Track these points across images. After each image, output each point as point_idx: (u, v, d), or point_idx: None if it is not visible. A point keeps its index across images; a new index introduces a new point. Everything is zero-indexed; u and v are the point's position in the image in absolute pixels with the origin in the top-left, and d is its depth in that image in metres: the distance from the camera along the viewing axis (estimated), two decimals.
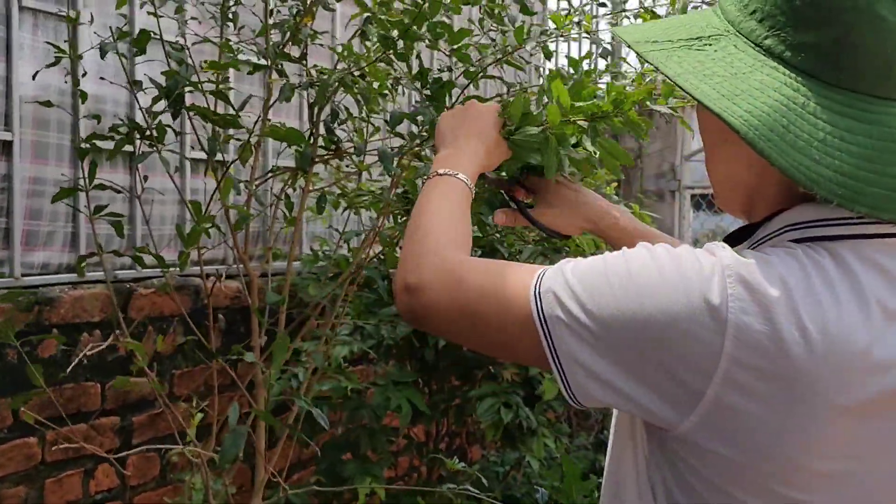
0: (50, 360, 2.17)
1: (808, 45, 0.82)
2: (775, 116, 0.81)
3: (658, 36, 0.92)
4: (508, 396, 2.35)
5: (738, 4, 0.88)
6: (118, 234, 1.87)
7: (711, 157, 0.98)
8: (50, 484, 2.19)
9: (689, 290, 0.81)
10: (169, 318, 2.47)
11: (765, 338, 0.78)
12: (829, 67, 0.82)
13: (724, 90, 0.83)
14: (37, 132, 2.19)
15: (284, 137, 1.84)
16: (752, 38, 0.86)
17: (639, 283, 0.83)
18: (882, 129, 0.82)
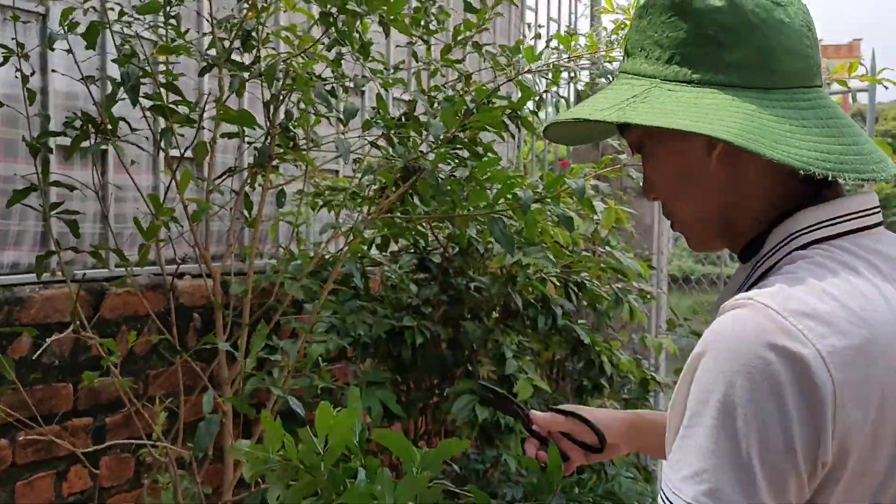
0: (21, 361, 2.14)
1: (735, 64, 0.91)
2: (747, 124, 0.87)
3: (599, 104, 0.96)
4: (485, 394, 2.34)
5: (652, 58, 0.95)
6: (73, 233, 1.85)
7: (675, 201, 1.02)
8: (21, 486, 2.17)
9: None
10: (143, 318, 2.44)
11: (850, 350, 0.80)
12: (761, 75, 0.91)
13: (691, 118, 0.88)
14: (5, 129, 2.17)
15: (236, 120, 1.83)
16: (680, 78, 0.93)
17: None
18: (823, 110, 0.92)
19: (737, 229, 0.98)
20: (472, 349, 2.69)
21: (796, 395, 0.78)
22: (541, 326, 2.59)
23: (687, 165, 0.96)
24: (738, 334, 0.81)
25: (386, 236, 2.61)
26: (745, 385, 0.78)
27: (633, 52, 0.98)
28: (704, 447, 0.80)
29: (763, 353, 0.79)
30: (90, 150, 1.89)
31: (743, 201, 0.96)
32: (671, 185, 1.00)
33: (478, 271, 2.80)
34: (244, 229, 2.83)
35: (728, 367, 0.80)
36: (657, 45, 0.95)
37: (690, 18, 0.93)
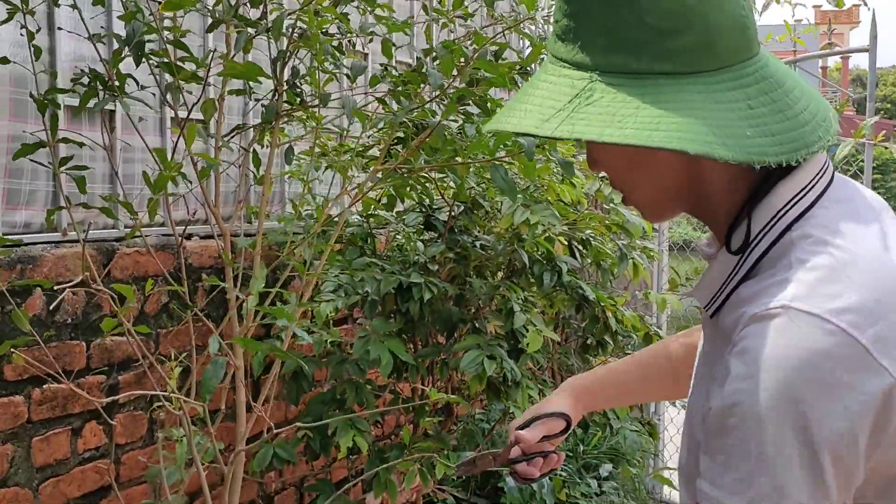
0: (35, 319, 2.17)
1: (678, 50, 0.87)
2: (695, 120, 0.85)
3: (544, 113, 0.91)
4: (493, 349, 2.37)
5: (589, 47, 0.90)
6: (80, 189, 1.86)
7: (629, 183, 1.00)
8: (37, 442, 2.20)
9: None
10: (153, 278, 2.47)
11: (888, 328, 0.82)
12: (704, 58, 0.88)
13: (642, 125, 0.85)
14: (14, 89, 2.18)
15: (242, 74, 1.83)
16: (620, 69, 0.88)
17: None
18: (766, 82, 0.91)
19: (709, 203, 0.97)
20: (479, 306, 2.72)
21: (855, 395, 0.80)
22: (546, 283, 2.62)
23: (635, 152, 0.94)
24: (789, 349, 0.81)
25: (392, 196, 2.63)
26: (812, 398, 0.79)
27: (566, 38, 0.92)
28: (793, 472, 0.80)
29: (819, 363, 0.80)
30: (98, 106, 1.90)
31: (707, 179, 0.95)
32: (622, 172, 0.99)
33: (483, 230, 2.83)
34: (251, 190, 2.85)
35: (789, 384, 0.80)
36: (593, 32, 0.89)
37: (628, 5, 0.87)
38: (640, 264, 2.89)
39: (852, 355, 0.80)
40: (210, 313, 2.54)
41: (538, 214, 2.39)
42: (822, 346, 0.80)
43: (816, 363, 0.79)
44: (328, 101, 2.06)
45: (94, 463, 2.35)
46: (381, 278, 2.41)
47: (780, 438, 0.79)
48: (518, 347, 2.54)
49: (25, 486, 2.17)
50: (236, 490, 2.30)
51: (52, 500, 2.24)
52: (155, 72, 2.03)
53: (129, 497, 2.42)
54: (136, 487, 2.48)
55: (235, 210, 2.35)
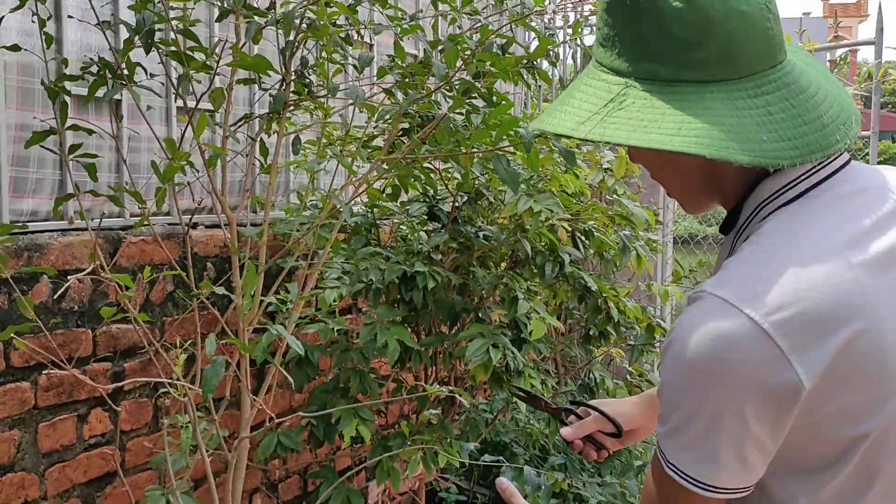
0: (41, 306, 2.19)
1: (702, 61, 0.95)
2: (715, 126, 0.93)
3: (581, 115, 1.00)
4: (496, 338, 2.39)
5: (624, 54, 0.99)
6: (91, 176, 1.87)
7: (662, 179, 1.11)
8: (43, 428, 2.23)
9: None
10: (159, 267, 2.49)
11: (798, 317, 0.92)
12: (729, 67, 0.95)
13: (666, 130, 0.94)
14: (22, 78, 2.20)
15: (251, 66, 1.85)
16: (651, 76, 0.97)
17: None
18: (787, 88, 0.98)
19: (728, 193, 1.07)
20: (482, 296, 2.73)
21: (749, 367, 0.91)
22: (548, 273, 2.63)
23: (663, 160, 1.06)
24: (698, 326, 0.92)
25: (396, 186, 2.64)
26: (713, 365, 0.91)
27: (606, 45, 1.02)
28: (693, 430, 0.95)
29: (719, 340, 0.91)
30: (107, 95, 1.92)
31: (723, 176, 1.05)
32: (651, 168, 1.10)
33: (487, 220, 2.84)
34: (258, 180, 2.86)
35: (695, 353, 0.92)
36: (626, 41, 0.98)
37: (655, 18, 0.95)
38: (643, 256, 2.90)
39: (751, 337, 0.90)
40: (216, 301, 2.56)
41: (541, 203, 2.40)
42: (723, 326, 0.91)
43: (717, 339, 0.91)
44: (336, 91, 2.07)
45: (99, 449, 2.37)
46: (385, 267, 2.42)
47: (693, 397, 0.93)
48: (521, 337, 2.55)
49: (32, 472, 2.20)
50: (240, 477, 2.32)
51: (58, 485, 2.27)
52: (163, 61, 2.05)
53: (134, 483, 2.44)
54: (141, 474, 2.50)
55: (242, 199, 2.37)
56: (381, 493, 3.21)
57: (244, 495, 2.76)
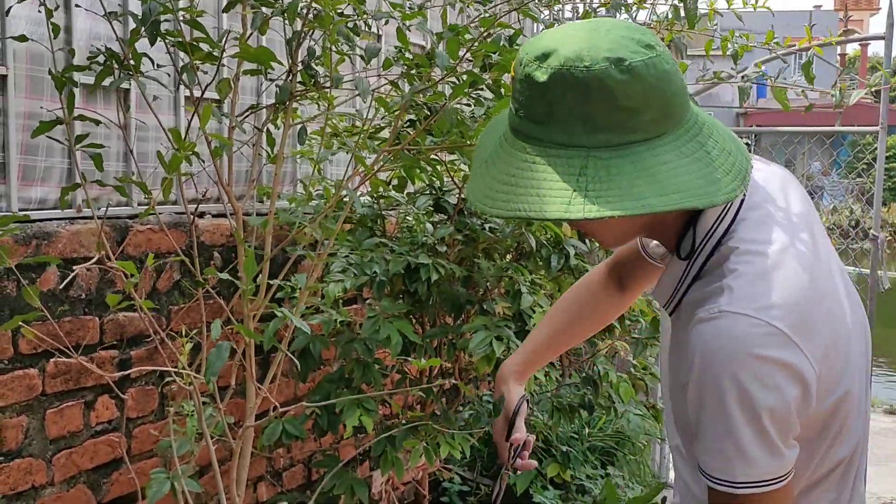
0: (49, 294, 2.21)
1: (648, 121, 1.03)
2: (685, 176, 1.03)
3: (559, 195, 1.02)
4: (500, 330, 2.40)
5: (574, 130, 1.03)
6: (97, 166, 1.89)
7: (605, 232, 1.20)
8: (51, 414, 2.25)
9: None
10: (166, 255, 2.51)
11: (804, 318, 1.08)
12: (666, 123, 1.04)
13: (652, 192, 1.01)
14: (32, 67, 2.21)
15: (255, 57, 1.86)
16: (604, 144, 1.02)
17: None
18: (704, 126, 1.09)
19: (655, 234, 1.22)
20: (487, 288, 2.74)
21: (781, 369, 1.03)
22: (553, 266, 2.64)
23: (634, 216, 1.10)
24: (728, 342, 1.03)
25: (402, 177, 2.65)
26: (748, 377, 1.02)
27: (544, 121, 1.04)
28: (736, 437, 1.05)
29: (751, 350, 1.02)
30: (114, 84, 1.93)
31: (664, 219, 1.16)
32: (597, 228, 1.19)
33: None
34: (263, 170, 2.87)
35: (731, 369, 1.02)
36: (575, 117, 1.02)
37: (605, 95, 1.00)
38: None
39: (776, 340, 1.03)
40: (221, 291, 2.57)
41: None
42: (748, 336, 1.02)
43: (749, 350, 1.02)
44: (341, 82, 2.08)
45: (106, 436, 2.39)
46: (389, 259, 2.43)
47: (730, 410, 1.03)
48: (525, 329, 2.56)
49: (39, 457, 2.22)
50: (245, 465, 2.34)
51: (65, 471, 2.29)
52: (171, 51, 2.05)
53: (140, 470, 2.46)
54: (147, 461, 2.52)
55: (248, 189, 2.38)
56: (385, 483, 3.23)
57: (249, 483, 2.78)
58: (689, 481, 1.27)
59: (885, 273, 4.06)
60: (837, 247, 8.07)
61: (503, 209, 1.05)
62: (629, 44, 1.02)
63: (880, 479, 4.83)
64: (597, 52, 1.01)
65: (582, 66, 1.00)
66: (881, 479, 4.86)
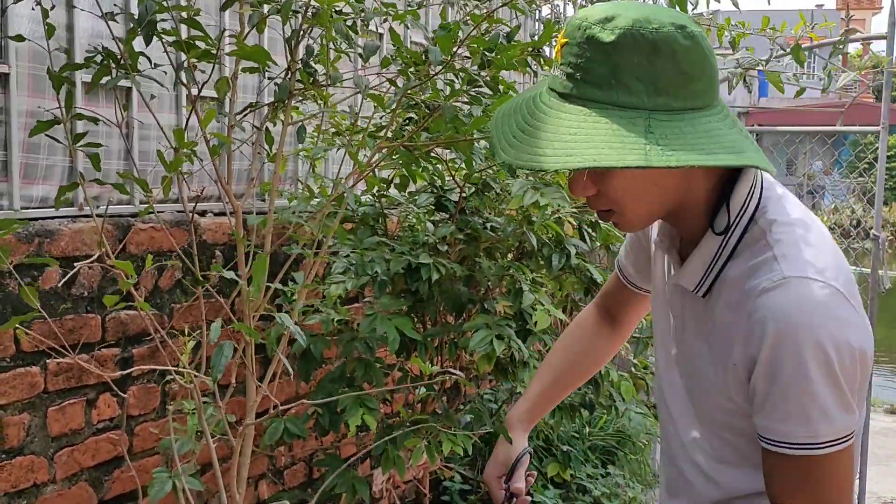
0: (51, 292, 2.21)
1: (700, 91, 1.08)
2: (736, 142, 1.07)
3: (623, 145, 1.04)
4: (501, 329, 2.40)
5: (635, 91, 1.05)
6: (94, 166, 1.89)
7: (630, 208, 1.18)
8: (53, 412, 2.25)
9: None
10: (167, 254, 2.51)
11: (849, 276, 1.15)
12: (711, 96, 1.10)
13: (724, 148, 1.06)
14: (33, 65, 2.21)
15: (251, 56, 1.86)
16: (664, 107, 1.06)
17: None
18: (727, 109, 1.14)
19: (680, 214, 1.21)
20: (488, 287, 2.74)
21: (848, 327, 1.08)
22: (554, 265, 2.64)
23: (654, 177, 1.14)
24: (800, 306, 1.07)
25: (404, 176, 2.65)
26: (827, 337, 1.06)
27: (605, 83, 1.06)
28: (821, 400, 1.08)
29: (823, 310, 1.07)
30: (110, 83, 1.93)
31: (690, 195, 1.18)
32: (633, 192, 1.16)
33: (494, 212, 2.85)
34: (264, 168, 2.88)
35: (810, 331, 1.06)
36: (639, 79, 1.05)
37: (670, 58, 1.05)
38: None
39: (838, 300, 1.08)
40: (222, 289, 2.57)
41: (548, 197, 2.41)
42: (819, 298, 1.07)
43: (821, 311, 1.07)
44: (339, 80, 2.08)
45: (107, 434, 2.40)
46: (390, 258, 2.44)
47: (811, 370, 1.06)
48: (526, 328, 2.57)
49: (41, 455, 2.22)
50: (246, 463, 2.34)
51: (67, 468, 2.29)
52: (169, 50, 2.05)
53: (141, 468, 2.47)
54: (148, 458, 2.53)
55: (248, 188, 2.38)
56: (386, 481, 3.24)
57: (250, 481, 2.78)
58: (702, 478, 1.28)
59: (887, 273, 4.06)
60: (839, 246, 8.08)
61: (576, 161, 1.04)
62: (681, 16, 1.08)
63: (881, 479, 4.83)
64: (662, 17, 1.06)
65: (651, 28, 1.04)
66: (882, 478, 4.86)
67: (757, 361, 1.10)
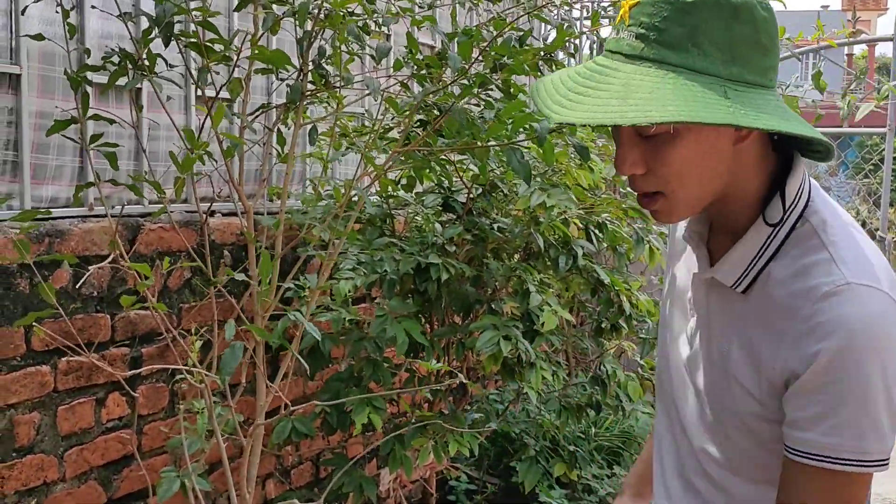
0: (62, 291, 2.22)
1: (769, 67, 1.05)
2: (797, 119, 1.04)
3: (704, 102, 0.99)
4: (508, 329, 2.41)
5: (711, 57, 1.01)
6: (111, 165, 1.90)
7: (682, 187, 1.10)
8: (62, 411, 2.26)
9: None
10: (177, 254, 2.52)
11: None
12: (774, 73, 1.06)
13: (779, 119, 1.01)
14: (44, 66, 2.23)
15: (270, 59, 1.87)
16: (737, 78, 1.02)
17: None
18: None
19: (728, 204, 1.14)
20: (495, 287, 2.75)
21: None
22: (561, 266, 2.65)
23: (715, 153, 1.07)
24: (864, 313, 1.02)
25: (412, 177, 2.66)
26: (885, 347, 1.02)
27: (680, 46, 1.01)
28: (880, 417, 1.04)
29: (884, 321, 1.02)
30: (128, 85, 1.94)
31: (738, 184, 1.11)
32: (692, 170, 1.08)
33: (501, 213, 2.86)
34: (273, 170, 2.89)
35: (871, 339, 1.02)
36: (716, 44, 1.01)
37: (750, 25, 1.01)
38: (657, 249, 2.91)
39: (895, 311, 1.04)
40: (232, 289, 2.59)
41: (555, 198, 2.42)
42: (881, 308, 1.03)
43: (882, 321, 1.02)
44: (351, 82, 2.09)
45: (117, 433, 2.41)
46: (399, 258, 2.45)
47: (872, 384, 1.01)
48: (533, 329, 2.57)
49: (51, 454, 2.24)
50: (255, 462, 2.36)
51: (77, 467, 2.31)
52: (182, 51, 2.07)
53: (150, 466, 2.48)
54: (157, 457, 2.54)
55: (259, 189, 2.39)
56: (393, 481, 3.25)
57: (257, 481, 2.79)
58: (713, 490, 1.21)
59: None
60: None
61: (658, 116, 0.97)
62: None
63: (886, 480, 4.83)
64: None
65: None
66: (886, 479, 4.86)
67: (809, 368, 1.03)
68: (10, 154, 2.19)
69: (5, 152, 2.19)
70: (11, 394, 2.12)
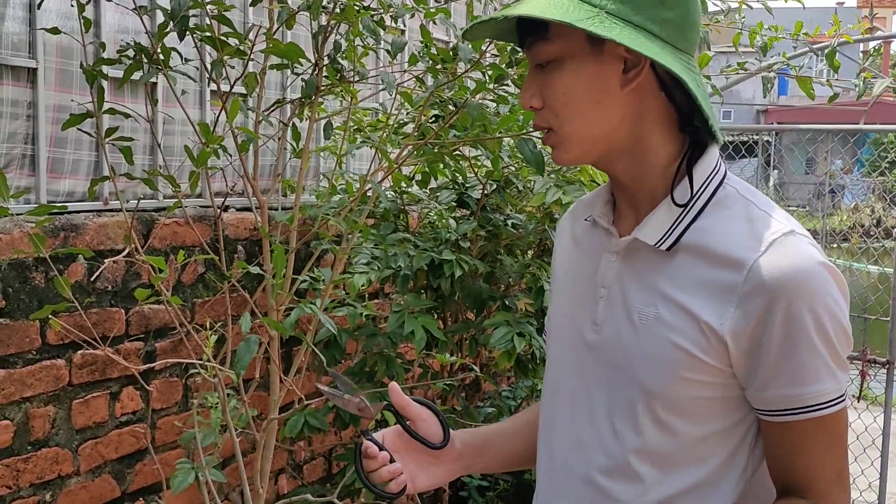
0: (76, 286, 2.23)
1: (668, 21, 1.04)
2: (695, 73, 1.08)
3: (572, 15, 1.01)
4: (522, 326, 2.40)
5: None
6: (127, 159, 1.91)
7: (572, 118, 1.09)
8: (77, 405, 2.27)
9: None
10: (191, 248, 2.53)
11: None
12: (682, 37, 1.06)
13: (662, 47, 1.04)
14: (61, 60, 2.23)
15: (284, 53, 1.87)
16: (622, 16, 1.02)
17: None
18: (701, 76, 1.11)
19: (638, 165, 1.12)
20: (509, 284, 2.74)
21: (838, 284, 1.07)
22: None
23: (599, 89, 1.06)
24: (810, 259, 1.04)
25: (426, 173, 2.65)
26: (832, 290, 1.05)
27: None
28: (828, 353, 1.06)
29: (827, 266, 1.06)
30: (142, 79, 1.95)
31: (644, 144, 1.10)
32: (575, 102, 1.07)
33: (515, 209, 2.85)
34: (288, 164, 2.89)
35: (822, 283, 1.04)
36: None
37: None
38: None
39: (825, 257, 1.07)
40: (246, 284, 2.59)
41: (570, 195, 2.41)
42: (819, 255, 1.06)
43: (827, 270, 1.05)
44: (366, 76, 2.09)
45: (130, 427, 2.42)
46: (413, 254, 2.44)
47: (833, 326, 1.04)
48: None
49: (66, 447, 2.24)
50: (268, 457, 2.36)
51: (91, 461, 2.31)
52: (198, 45, 2.07)
53: (164, 461, 2.49)
54: (171, 451, 2.54)
55: (273, 183, 2.39)
56: None
57: (270, 475, 2.80)
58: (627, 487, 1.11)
59: None
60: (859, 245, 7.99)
61: (503, 11, 1.04)
62: None
63: None
64: None
65: None
66: None
67: (767, 321, 1.02)
68: (28, 148, 2.20)
69: (24, 146, 2.20)
70: (27, 387, 2.13)
